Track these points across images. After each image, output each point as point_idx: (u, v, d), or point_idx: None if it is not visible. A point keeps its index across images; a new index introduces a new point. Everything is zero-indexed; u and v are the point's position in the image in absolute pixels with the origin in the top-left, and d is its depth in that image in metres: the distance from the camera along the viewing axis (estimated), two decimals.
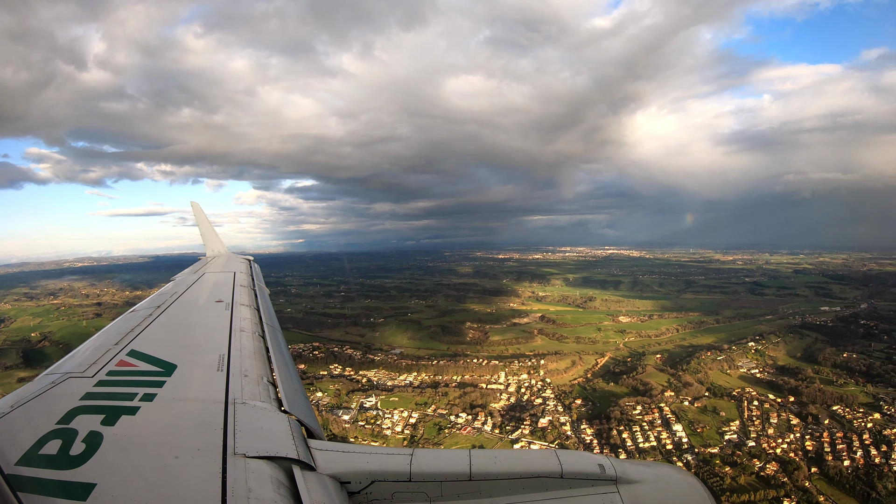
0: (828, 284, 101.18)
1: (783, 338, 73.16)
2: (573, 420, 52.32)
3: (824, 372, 59.34)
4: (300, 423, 3.23)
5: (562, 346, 76.35)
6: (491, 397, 57.97)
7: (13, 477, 2.11)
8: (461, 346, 76.53)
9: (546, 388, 60.80)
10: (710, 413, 51.19)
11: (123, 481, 2.23)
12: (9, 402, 2.99)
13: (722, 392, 56.16)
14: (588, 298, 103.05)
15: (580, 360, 69.17)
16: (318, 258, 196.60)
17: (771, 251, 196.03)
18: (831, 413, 49.55)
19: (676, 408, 52.81)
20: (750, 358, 66.76)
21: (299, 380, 4.55)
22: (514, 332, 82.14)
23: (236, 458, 2.48)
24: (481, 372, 65.20)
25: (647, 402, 54.03)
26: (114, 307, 77.38)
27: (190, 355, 4.25)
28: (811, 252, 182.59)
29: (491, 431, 49.75)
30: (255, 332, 5.17)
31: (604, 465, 3.13)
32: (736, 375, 61.87)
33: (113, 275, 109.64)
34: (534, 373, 64.80)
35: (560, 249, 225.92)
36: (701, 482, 3.36)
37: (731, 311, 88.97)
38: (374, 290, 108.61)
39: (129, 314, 5.70)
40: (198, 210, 13.62)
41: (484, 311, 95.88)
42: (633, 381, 59.90)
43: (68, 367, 3.74)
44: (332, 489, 2.57)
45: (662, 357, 69.71)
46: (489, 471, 2.92)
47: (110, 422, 2.74)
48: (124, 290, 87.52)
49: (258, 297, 7.13)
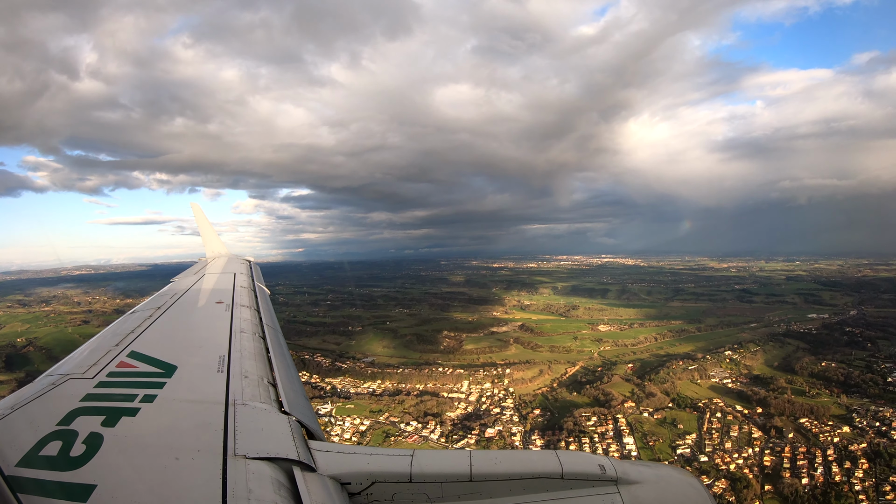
0: (819, 291, 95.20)
1: (763, 346, 68.61)
2: (526, 430, 49.66)
3: (798, 382, 55.05)
4: (301, 424, 3.11)
5: (535, 355, 73.47)
6: (448, 406, 55.73)
7: (13, 478, 2.06)
8: (434, 354, 74.46)
9: (507, 398, 58.20)
10: (668, 425, 47.74)
11: (124, 482, 2.17)
12: (9, 404, 2.90)
13: (686, 403, 52.54)
14: (571, 307, 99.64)
15: (549, 370, 66.22)
16: (313, 267, 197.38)
17: (767, 258, 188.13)
18: (798, 426, 45.57)
19: (634, 419, 49.55)
20: (724, 367, 62.66)
21: (299, 381, 4.43)
22: (489, 341, 79.61)
23: (237, 459, 2.41)
24: (445, 380, 63.02)
25: (604, 412, 50.92)
26: (102, 314, 78.60)
27: (190, 356, 4.11)
28: (807, 259, 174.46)
29: (437, 440, 47.56)
30: (256, 333, 5.02)
31: (604, 465, 3.01)
32: (706, 385, 58.00)
33: (108, 283, 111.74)
34: (498, 382, 62.24)
35: (556, 258, 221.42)
36: (701, 483, 3.20)
37: (714, 319, 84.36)
38: (361, 299, 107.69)
39: (129, 315, 5.48)
40: (198, 211, 13.28)
41: (465, 319, 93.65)
42: (596, 391, 56.75)
43: (68, 368, 3.61)
44: (332, 490, 2.49)
45: (634, 366, 66.16)
46: (490, 472, 2.83)
47: (111, 423, 2.66)
48: (115, 298, 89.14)
49: (258, 297, 6.93)
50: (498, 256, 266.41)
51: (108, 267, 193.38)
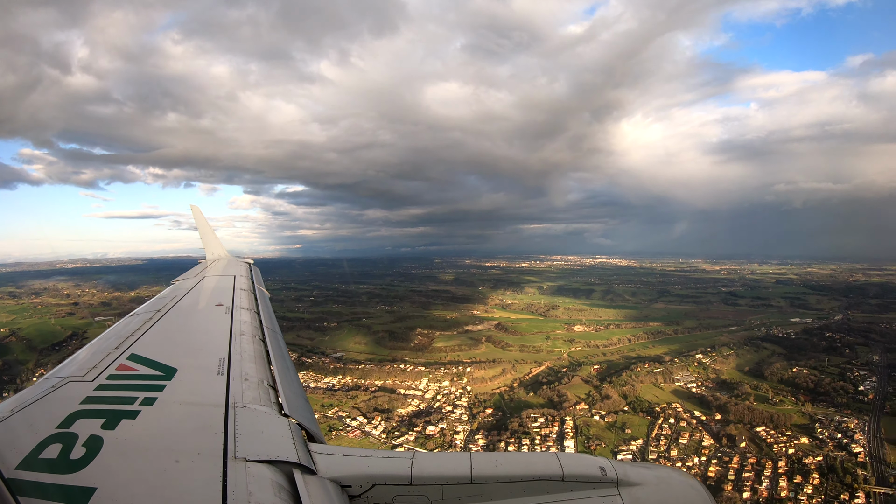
0: (806, 295, 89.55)
1: (737, 350, 64.46)
2: (472, 430, 47.30)
3: (764, 388, 51.14)
4: (301, 426, 3.00)
5: (504, 354, 70.75)
6: (401, 403, 53.73)
7: (13, 481, 2.01)
8: (403, 351, 72.48)
9: (464, 397, 55.87)
10: (617, 430, 44.70)
11: (124, 485, 2.10)
12: (9, 406, 2.81)
13: (643, 407, 49.31)
14: (551, 307, 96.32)
15: (513, 370, 63.52)
16: (307, 264, 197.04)
17: (761, 261, 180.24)
18: (753, 435, 42.01)
19: (583, 422, 46.66)
20: (691, 371, 58.91)
21: (300, 383, 4.29)
22: (460, 340, 77.19)
23: (237, 461, 2.34)
24: (405, 377, 60.96)
25: (553, 414, 48.17)
26: (89, 307, 79.34)
27: (190, 359, 3.96)
28: (801, 262, 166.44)
29: (378, 436, 45.63)
30: (256, 335, 4.87)
31: (605, 467, 2.88)
32: (669, 389, 54.50)
33: (101, 276, 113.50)
34: (457, 380, 59.92)
35: (551, 258, 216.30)
36: (702, 485, 3.06)
37: (693, 321, 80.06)
38: (345, 296, 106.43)
39: (130, 318, 5.33)
40: (198, 213, 12.95)
41: (443, 317, 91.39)
42: (552, 392, 53.90)
43: (69, 370, 3.49)
44: (332, 493, 2.41)
45: (600, 368, 62.91)
46: (490, 474, 2.71)
47: (111, 426, 2.58)
48: (104, 291, 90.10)
49: (258, 300, 6.72)
50: (493, 255, 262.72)
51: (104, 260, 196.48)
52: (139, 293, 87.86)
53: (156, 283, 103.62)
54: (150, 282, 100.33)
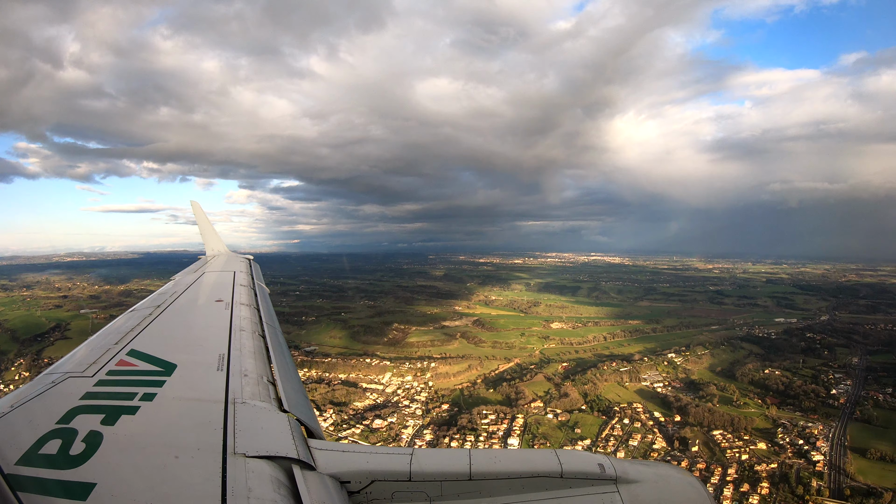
0: (794, 295, 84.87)
1: (712, 350, 61.09)
2: (423, 424, 45.58)
3: (731, 389, 47.98)
4: (300, 422, 2.95)
5: (476, 350, 68.72)
6: (359, 396, 52.24)
7: (13, 476, 1.98)
8: (376, 346, 70.93)
9: (424, 392, 54.16)
10: (566, 429, 42.37)
11: (123, 481, 2.08)
12: (8, 402, 2.76)
13: (601, 406, 46.82)
14: (534, 303, 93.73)
15: (480, 366, 61.49)
16: (302, 258, 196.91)
17: (756, 260, 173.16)
18: (709, 438, 39.22)
19: (535, 420, 44.44)
20: (660, 370, 55.98)
21: (299, 379, 4.17)
22: (435, 335, 75.34)
23: (236, 457, 2.31)
24: (369, 371, 59.49)
25: (506, 411, 46.08)
26: (77, 300, 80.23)
27: (190, 355, 3.86)
28: (796, 262, 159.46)
29: (325, 428, 44.24)
30: (255, 331, 4.73)
31: (604, 464, 2.82)
32: (633, 389, 51.79)
33: (94, 270, 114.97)
34: (420, 375, 58.20)
35: (546, 255, 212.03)
36: (701, 482, 3.01)
37: (674, 319, 76.56)
38: (331, 290, 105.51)
39: (129, 314, 5.21)
40: (197, 209, 12.79)
41: (424, 312, 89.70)
42: (511, 388, 51.77)
43: (68, 366, 3.42)
44: (332, 489, 2.37)
45: (568, 365, 60.42)
46: (489, 470, 2.66)
47: (110, 421, 2.55)
48: (95, 284, 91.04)
49: (258, 296, 6.59)
50: (489, 252, 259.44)
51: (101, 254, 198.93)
52: (129, 287, 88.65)
53: (146, 277, 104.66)
54: (142, 276, 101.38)
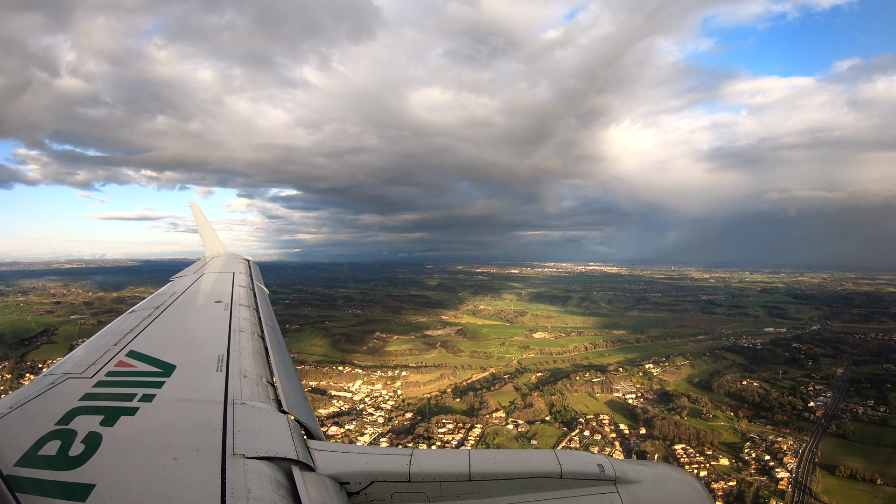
0: (787, 304, 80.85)
1: (693, 360, 58.25)
2: (381, 433, 44.21)
3: (703, 401, 45.32)
4: (299, 423, 2.89)
5: (453, 359, 67.10)
6: (325, 403, 51.18)
7: (12, 478, 1.96)
8: (355, 354, 69.91)
9: (391, 400, 52.84)
10: (522, 440, 40.47)
11: (122, 482, 2.05)
12: (8, 403, 2.74)
13: (566, 417, 44.75)
14: (521, 313, 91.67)
15: (453, 375, 59.90)
16: (300, 267, 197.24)
17: (754, 269, 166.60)
18: (669, 453, 36.83)
19: (493, 430, 42.66)
20: (635, 381, 53.46)
21: (298, 380, 4.08)
22: (415, 344, 74.02)
23: (235, 458, 2.27)
24: (340, 379, 58.44)
25: (466, 420, 44.41)
26: (70, 306, 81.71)
27: (189, 356, 3.82)
28: (794, 271, 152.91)
29: None
30: (255, 332, 4.67)
31: (603, 465, 2.78)
32: (604, 400, 49.47)
33: (91, 277, 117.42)
34: (390, 384, 56.92)
35: (544, 265, 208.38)
36: (700, 482, 2.96)
37: (660, 329, 73.61)
38: (321, 299, 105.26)
39: (128, 315, 5.16)
40: (197, 211, 12.80)
41: (409, 321, 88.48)
42: (477, 398, 50.06)
43: (67, 367, 3.39)
44: (331, 490, 2.32)
45: (543, 375, 58.31)
46: (488, 471, 2.61)
47: (109, 422, 2.52)
48: (89, 291, 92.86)
49: (257, 297, 6.54)
50: (488, 262, 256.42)
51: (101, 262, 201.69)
52: (122, 294, 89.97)
53: (142, 283, 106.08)
54: (137, 283, 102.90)
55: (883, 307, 73.58)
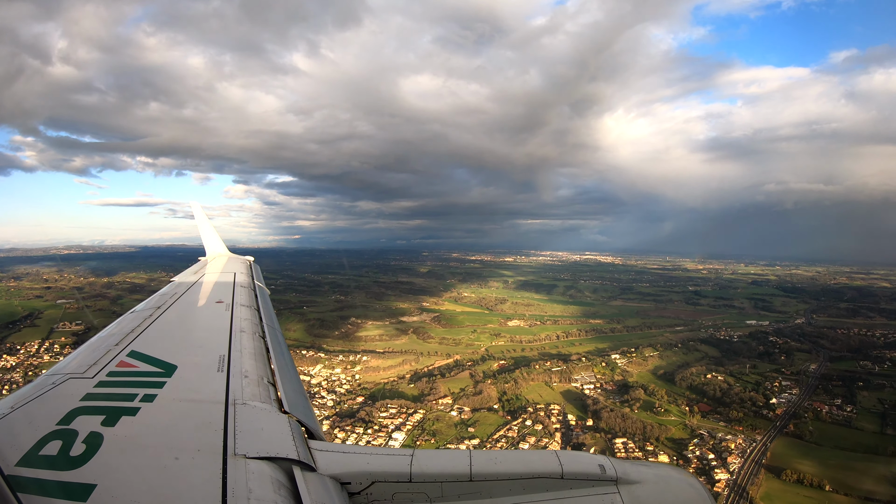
0: (774, 297, 75.84)
1: (663, 351, 55.01)
2: (325, 416, 43.00)
3: (660, 394, 42.38)
4: (301, 423, 2.88)
5: (422, 345, 65.43)
6: None
7: (13, 478, 1.95)
8: (326, 339, 68.83)
9: (346, 384, 51.59)
10: (461, 427, 38.51)
11: (124, 482, 2.03)
12: (9, 403, 2.72)
13: (513, 406, 42.58)
14: (502, 300, 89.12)
15: (415, 361, 58.26)
16: (296, 254, 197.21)
17: (749, 261, 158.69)
18: (608, 447, 34.27)
19: (436, 416, 40.83)
20: (596, 371, 50.69)
21: (299, 380, 4.02)
22: (387, 329, 72.57)
23: (237, 458, 2.27)
24: (301, 363, 57.07)
25: (411, 406, 42.71)
26: (60, 291, 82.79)
27: (190, 356, 3.78)
28: (790, 264, 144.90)
29: None
30: (256, 332, 4.57)
31: (604, 465, 2.76)
32: (560, 389, 47.03)
33: (86, 263, 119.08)
34: (349, 368, 55.63)
35: (540, 253, 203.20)
36: (701, 483, 2.90)
37: (638, 320, 70.09)
38: (307, 285, 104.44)
39: (130, 315, 4.99)
40: (198, 210, 12.64)
41: (389, 307, 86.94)
42: (429, 384, 48.27)
43: (69, 367, 3.35)
44: (332, 490, 2.33)
45: (505, 363, 56.16)
46: (490, 471, 2.60)
47: (111, 422, 2.50)
48: (82, 277, 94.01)
49: (258, 297, 6.45)
50: (485, 250, 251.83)
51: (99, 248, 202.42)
52: (113, 280, 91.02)
53: (134, 270, 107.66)
54: (130, 269, 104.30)
55: (872, 302, 68.31)
